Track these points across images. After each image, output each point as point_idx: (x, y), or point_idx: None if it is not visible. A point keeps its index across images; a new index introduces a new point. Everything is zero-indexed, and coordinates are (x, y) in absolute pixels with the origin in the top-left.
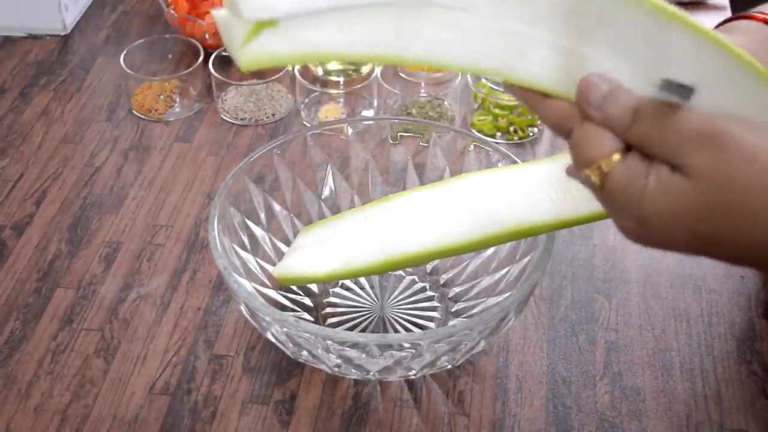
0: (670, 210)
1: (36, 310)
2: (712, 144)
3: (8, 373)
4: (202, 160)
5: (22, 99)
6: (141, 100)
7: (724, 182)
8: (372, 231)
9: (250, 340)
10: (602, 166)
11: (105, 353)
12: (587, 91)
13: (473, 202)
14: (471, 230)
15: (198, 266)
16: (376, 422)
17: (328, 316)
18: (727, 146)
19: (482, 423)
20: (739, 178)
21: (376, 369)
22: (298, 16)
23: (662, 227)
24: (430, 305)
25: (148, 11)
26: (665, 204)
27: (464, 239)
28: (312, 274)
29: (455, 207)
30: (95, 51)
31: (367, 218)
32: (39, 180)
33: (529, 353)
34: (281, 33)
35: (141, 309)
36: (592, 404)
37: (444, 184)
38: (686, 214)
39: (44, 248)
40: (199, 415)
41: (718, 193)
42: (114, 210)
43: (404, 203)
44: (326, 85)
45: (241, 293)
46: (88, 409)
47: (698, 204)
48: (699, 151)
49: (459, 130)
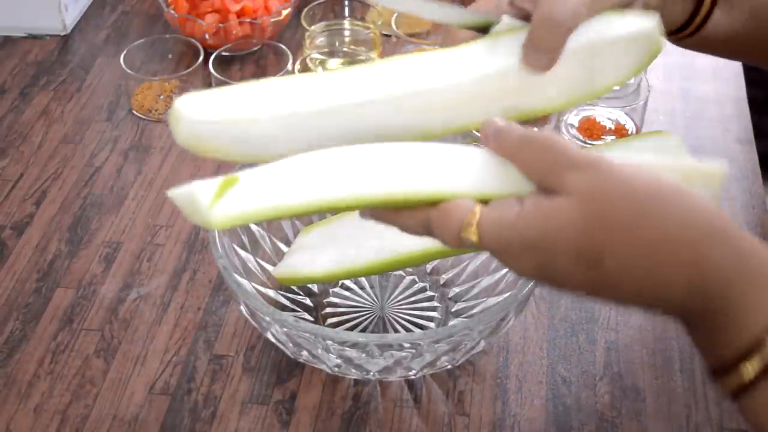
0: (544, 229)
1: (36, 310)
2: (589, 168)
3: (8, 373)
4: (202, 160)
5: (22, 99)
6: (141, 100)
7: (600, 195)
8: (372, 231)
9: (250, 340)
10: (470, 220)
11: (105, 353)
12: (486, 126)
13: None
14: None
15: (198, 266)
16: (376, 422)
17: (328, 316)
18: (604, 170)
19: (482, 423)
20: (614, 193)
21: (376, 369)
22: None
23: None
24: (430, 305)
25: (148, 11)
26: (540, 224)
27: None
28: (312, 274)
29: None
30: (95, 51)
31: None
32: (39, 180)
33: (529, 353)
34: (244, 192)
35: (141, 309)
36: (592, 404)
37: None
38: (565, 231)
39: (44, 248)
40: (199, 415)
41: (594, 203)
42: (114, 210)
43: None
44: None
45: (241, 293)
46: (88, 409)
47: (576, 222)
48: (576, 174)
49: None
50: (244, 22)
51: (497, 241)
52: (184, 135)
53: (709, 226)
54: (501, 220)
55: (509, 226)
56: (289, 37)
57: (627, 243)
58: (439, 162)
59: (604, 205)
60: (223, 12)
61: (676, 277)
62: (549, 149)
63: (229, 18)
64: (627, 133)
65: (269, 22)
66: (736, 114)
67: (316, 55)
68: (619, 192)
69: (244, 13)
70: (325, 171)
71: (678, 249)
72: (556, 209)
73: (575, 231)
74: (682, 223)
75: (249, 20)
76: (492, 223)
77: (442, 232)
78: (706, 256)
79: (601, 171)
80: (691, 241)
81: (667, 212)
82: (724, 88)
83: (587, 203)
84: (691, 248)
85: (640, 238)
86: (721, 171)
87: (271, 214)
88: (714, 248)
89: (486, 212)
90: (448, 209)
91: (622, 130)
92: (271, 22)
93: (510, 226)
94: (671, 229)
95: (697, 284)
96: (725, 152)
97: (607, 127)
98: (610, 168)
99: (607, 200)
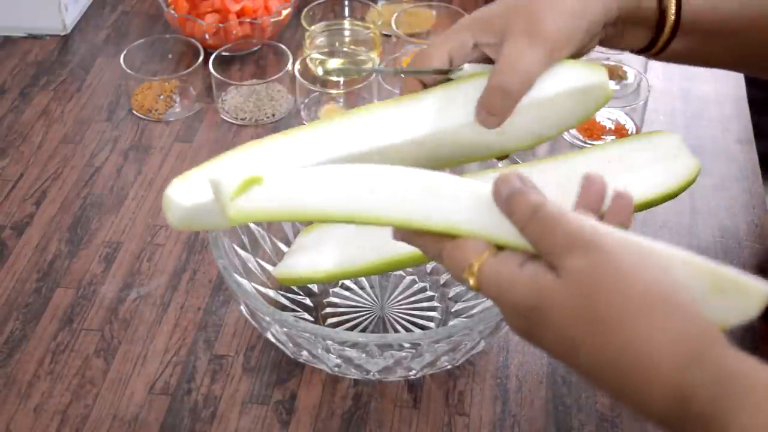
0: (536, 302)
1: (36, 310)
2: (585, 251)
3: (8, 373)
4: (202, 160)
5: (22, 99)
6: (141, 100)
7: (590, 291)
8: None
9: (250, 340)
10: (474, 263)
11: (105, 353)
12: (501, 184)
13: None
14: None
15: (198, 266)
16: (376, 422)
17: (328, 316)
18: (602, 258)
19: (482, 423)
20: (603, 289)
21: (376, 369)
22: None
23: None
24: (429, 305)
25: (148, 11)
26: (533, 295)
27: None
28: (313, 274)
29: None
30: (95, 51)
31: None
32: (39, 180)
33: (529, 353)
34: (266, 191)
35: (141, 309)
36: (592, 404)
37: None
38: (552, 310)
39: (44, 248)
40: (199, 415)
41: (582, 298)
42: (114, 210)
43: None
44: (326, 85)
45: (241, 293)
46: (88, 409)
47: (564, 305)
48: (573, 256)
49: None
50: (244, 22)
51: (491, 291)
52: (177, 220)
53: (694, 347)
54: (500, 275)
55: (505, 284)
56: (289, 37)
57: (601, 346)
58: (461, 198)
59: (587, 300)
60: (223, 12)
61: (652, 394)
62: (553, 227)
63: (229, 18)
64: (627, 133)
65: (269, 22)
66: (736, 114)
67: (316, 55)
68: (605, 290)
69: (244, 13)
70: (347, 184)
71: (656, 366)
72: (549, 288)
73: (561, 316)
74: (661, 342)
75: (249, 20)
76: (492, 274)
77: (450, 265)
78: (687, 382)
79: (599, 259)
80: (670, 364)
81: (647, 326)
82: (724, 88)
83: (577, 293)
84: (671, 369)
85: (614, 346)
86: (763, 292)
87: (287, 217)
88: (697, 373)
89: (490, 261)
90: (460, 246)
91: (622, 130)
92: (271, 22)
93: (505, 284)
94: (650, 346)
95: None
96: (725, 152)
97: (607, 127)
98: (609, 256)
99: (595, 294)
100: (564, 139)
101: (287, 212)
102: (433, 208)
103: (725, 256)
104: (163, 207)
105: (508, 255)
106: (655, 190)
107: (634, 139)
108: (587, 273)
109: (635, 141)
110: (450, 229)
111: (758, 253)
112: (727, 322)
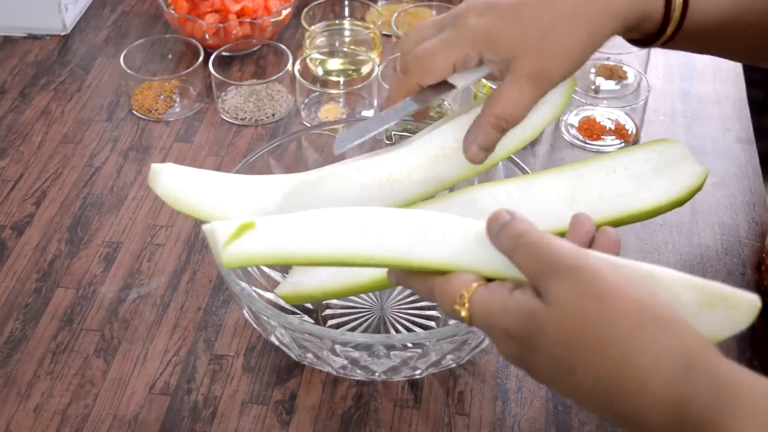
0: (527, 327)
1: (36, 310)
2: (570, 276)
3: (8, 373)
4: (202, 160)
5: (22, 99)
6: (141, 100)
7: (577, 312)
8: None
9: (250, 340)
10: (464, 294)
11: (105, 353)
12: (492, 221)
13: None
14: None
15: (198, 266)
16: (376, 422)
17: (328, 317)
18: (586, 280)
19: (482, 423)
20: (588, 310)
21: (382, 369)
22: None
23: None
24: (429, 304)
25: (148, 11)
26: (523, 321)
27: None
28: (316, 292)
29: None
30: (95, 51)
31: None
32: (39, 180)
33: None
34: (259, 236)
35: (141, 309)
36: None
37: (448, 198)
38: (543, 335)
39: (44, 248)
40: (199, 415)
41: (572, 320)
42: (114, 210)
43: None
44: (326, 85)
45: (245, 297)
46: (88, 409)
47: (555, 329)
48: (559, 282)
49: None
50: (244, 22)
51: (482, 320)
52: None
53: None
54: (489, 303)
55: (495, 312)
56: (289, 37)
57: (597, 363)
58: (451, 236)
59: (577, 321)
60: (223, 12)
61: (650, 407)
62: (537, 254)
63: (229, 18)
64: (627, 133)
65: (269, 22)
66: (736, 114)
67: (316, 55)
68: (595, 309)
69: (244, 13)
70: (339, 230)
71: (651, 381)
72: (538, 313)
73: (552, 339)
74: (656, 354)
75: (249, 20)
76: (482, 303)
77: (440, 299)
78: (683, 394)
79: (582, 282)
80: (665, 376)
81: (641, 340)
82: (724, 88)
83: (564, 316)
84: (667, 380)
85: (610, 361)
86: (753, 304)
87: (279, 262)
88: (693, 383)
89: (480, 291)
90: (450, 280)
91: (622, 130)
92: (271, 22)
93: (496, 312)
94: (645, 359)
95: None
96: (725, 152)
97: (607, 127)
98: (592, 279)
99: (582, 316)
100: (564, 139)
101: (280, 257)
102: (424, 247)
103: (726, 254)
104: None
105: (497, 284)
106: (665, 197)
107: (638, 148)
108: (573, 295)
109: (639, 150)
110: (441, 265)
111: (758, 251)
112: (719, 335)
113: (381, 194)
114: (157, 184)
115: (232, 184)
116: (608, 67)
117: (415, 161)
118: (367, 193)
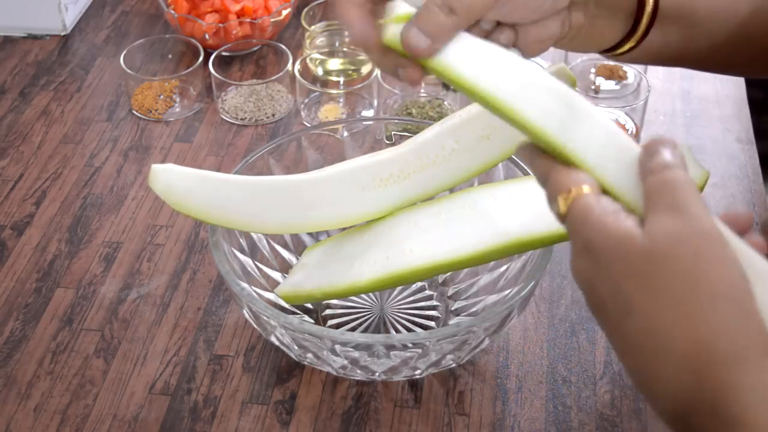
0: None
1: (36, 310)
2: (679, 218)
3: (8, 373)
4: (202, 160)
5: (22, 99)
6: (141, 100)
7: (666, 256)
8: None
9: (250, 340)
10: (573, 191)
11: (105, 353)
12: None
13: (478, 216)
14: (477, 243)
15: (198, 266)
16: (376, 422)
17: (328, 317)
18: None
19: (482, 423)
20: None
21: (382, 369)
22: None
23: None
24: (429, 304)
25: (148, 11)
26: (611, 241)
27: (470, 253)
28: (316, 292)
29: (461, 221)
30: (95, 51)
31: (371, 234)
32: (39, 180)
33: (529, 353)
34: None
35: (141, 309)
36: (592, 404)
37: (449, 199)
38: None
39: (44, 248)
40: (199, 415)
41: (655, 258)
42: (114, 210)
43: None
44: (326, 85)
45: (245, 297)
46: (88, 409)
47: (635, 259)
48: (673, 219)
49: None
50: (244, 22)
51: (575, 222)
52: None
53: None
54: (592, 210)
55: (591, 219)
56: (289, 37)
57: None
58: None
59: (664, 262)
60: (223, 12)
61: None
62: (675, 189)
63: (229, 18)
64: (627, 133)
65: (269, 22)
66: (736, 114)
67: (316, 55)
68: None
69: (244, 13)
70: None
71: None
72: (632, 238)
73: (629, 269)
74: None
75: (249, 20)
76: (584, 206)
77: (551, 186)
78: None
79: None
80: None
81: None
82: (724, 88)
83: (655, 252)
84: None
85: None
86: None
87: None
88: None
89: (589, 195)
90: (569, 172)
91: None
92: (271, 22)
93: (592, 220)
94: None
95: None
96: (725, 152)
97: None
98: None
99: (671, 261)
100: None
101: None
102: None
103: None
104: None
105: (607, 199)
106: None
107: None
108: (678, 239)
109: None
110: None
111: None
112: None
113: (381, 194)
114: (157, 185)
115: (232, 184)
116: (608, 67)
117: (415, 161)
118: (367, 193)
